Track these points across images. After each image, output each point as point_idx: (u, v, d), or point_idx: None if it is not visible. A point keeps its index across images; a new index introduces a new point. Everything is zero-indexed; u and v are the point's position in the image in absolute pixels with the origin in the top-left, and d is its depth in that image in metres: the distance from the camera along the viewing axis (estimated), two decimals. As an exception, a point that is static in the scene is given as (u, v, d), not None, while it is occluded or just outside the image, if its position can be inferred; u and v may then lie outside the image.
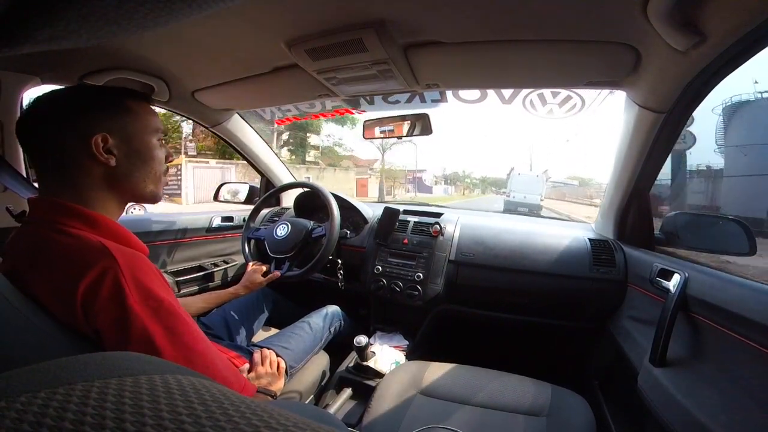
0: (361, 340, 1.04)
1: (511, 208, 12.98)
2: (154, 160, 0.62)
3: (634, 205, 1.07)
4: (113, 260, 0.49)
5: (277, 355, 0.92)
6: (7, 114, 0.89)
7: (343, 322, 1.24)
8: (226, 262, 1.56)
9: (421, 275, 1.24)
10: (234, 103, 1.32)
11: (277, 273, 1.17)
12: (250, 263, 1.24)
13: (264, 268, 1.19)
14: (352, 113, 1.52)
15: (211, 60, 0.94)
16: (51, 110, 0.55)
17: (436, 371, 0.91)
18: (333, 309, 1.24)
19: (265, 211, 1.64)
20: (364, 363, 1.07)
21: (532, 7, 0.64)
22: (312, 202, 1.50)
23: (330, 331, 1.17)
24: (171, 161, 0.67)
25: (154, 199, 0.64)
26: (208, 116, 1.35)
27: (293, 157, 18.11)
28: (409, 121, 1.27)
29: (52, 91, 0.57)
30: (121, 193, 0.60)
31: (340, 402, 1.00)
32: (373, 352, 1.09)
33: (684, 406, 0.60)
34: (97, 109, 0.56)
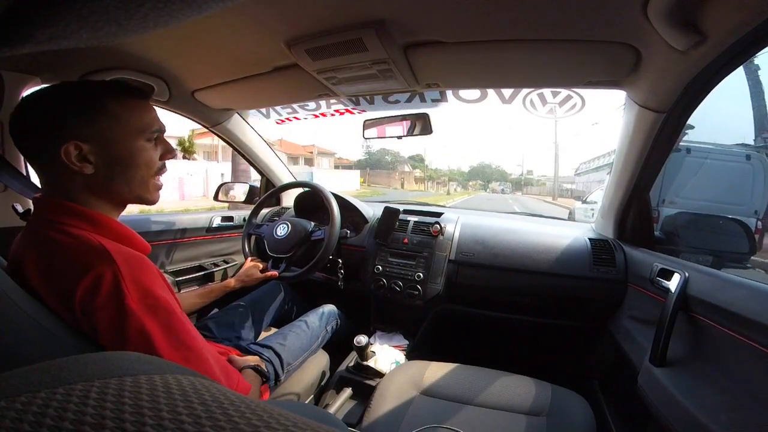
0: (361, 339, 1.04)
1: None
2: (138, 165, 0.57)
3: (634, 205, 1.07)
4: (112, 262, 0.49)
5: (276, 354, 0.93)
6: (7, 114, 0.89)
7: (339, 321, 1.24)
8: (226, 262, 1.57)
9: (421, 275, 1.23)
10: (234, 103, 1.32)
11: (275, 273, 1.18)
12: (249, 258, 1.26)
13: (261, 265, 1.21)
14: (353, 113, 1.51)
15: (211, 60, 0.94)
16: (28, 114, 0.53)
17: (436, 371, 0.91)
18: (329, 308, 1.24)
19: (265, 211, 1.64)
20: (364, 363, 1.07)
21: (532, 6, 0.64)
22: (312, 202, 1.50)
23: (327, 330, 1.17)
24: (169, 158, 0.63)
25: (145, 203, 0.61)
26: (208, 116, 1.35)
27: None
28: (409, 121, 1.27)
29: (36, 92, 0.54)
30: (107, 198, 0.57)
31: (340, 402, 1.00)
32: (373, 352, 1.09)
33: (684, 406, 0.60)
34: (68, 114, 0.52)
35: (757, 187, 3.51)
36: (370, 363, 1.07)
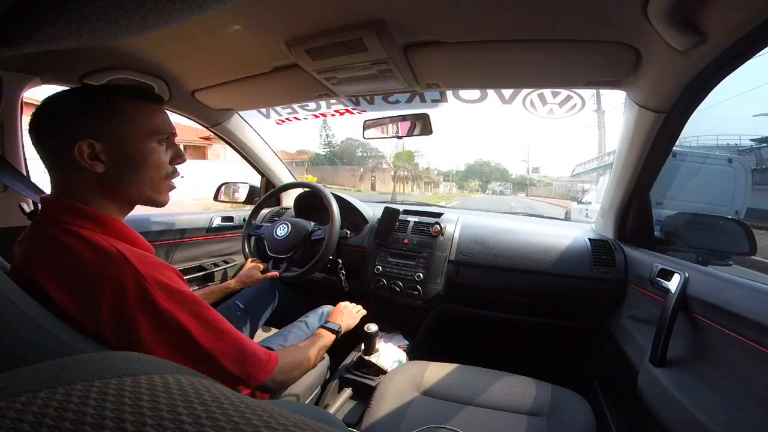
0: (372, 327, 1.03)
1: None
2: (149, 166, 0.58)
3: (634, 205, 1.07)
4: (132, 266, 0.50)
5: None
6: (7, 114, 0.89)
7: None
8: (226, 262, 1.57)
9: (421, 275, 1.24)
10: (234, 103, 1.32)
11: (276, 273, 1.18)
12: (250, 260, 1.26)
13: (262, 266, 1.21)
14: (353, 113, 1.52)
15: (211, 60, 0.94)
16: (45, 115, 0.54)
17: (436, 371, 0.91)
18: (328, 308, 1.24)
19: (265, 211, 1.64)
20: (366, 357, 1.06)
21: (532, 6, 0.64)
22: (312, 202, 1.50)
23: None
24: (179, 162, 0.64)
25: (154, 205, 0.62)
26: (208, 116, 1.35)
27: None
28: (409, 121, 1.27)
29: (53, 95, 0.55)
30: (116, 198, 0.57)
31: (340, 402, 1.00)
32: (377, 348, 1.09)
33: (684, 406, 0.60)
34: (84, 114, 0.53)
35: (738, 189, 3.76)
36: (373, 359, 1.06)
